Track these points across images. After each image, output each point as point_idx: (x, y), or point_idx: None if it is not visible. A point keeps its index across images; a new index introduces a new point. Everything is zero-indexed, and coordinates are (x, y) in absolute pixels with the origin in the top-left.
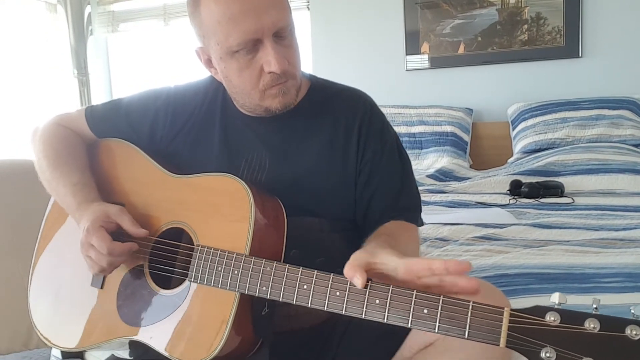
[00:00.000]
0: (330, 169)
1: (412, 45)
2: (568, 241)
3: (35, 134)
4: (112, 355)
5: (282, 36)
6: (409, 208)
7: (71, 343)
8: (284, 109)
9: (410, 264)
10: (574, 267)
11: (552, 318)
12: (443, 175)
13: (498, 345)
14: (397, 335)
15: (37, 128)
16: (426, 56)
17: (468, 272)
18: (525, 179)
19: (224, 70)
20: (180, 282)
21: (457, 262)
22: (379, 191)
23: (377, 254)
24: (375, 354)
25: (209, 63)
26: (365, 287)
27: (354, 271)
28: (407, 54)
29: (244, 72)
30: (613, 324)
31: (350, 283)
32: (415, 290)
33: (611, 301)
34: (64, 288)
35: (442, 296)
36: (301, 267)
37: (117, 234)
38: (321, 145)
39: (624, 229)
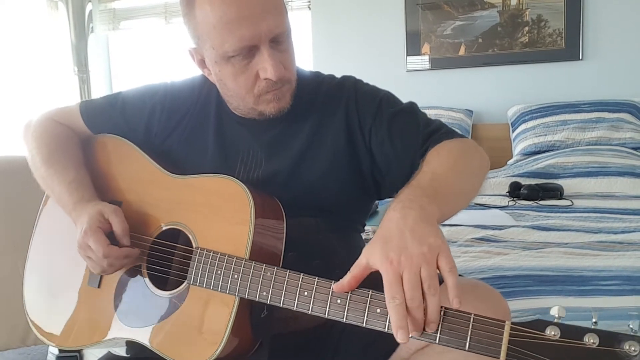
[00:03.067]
0: (322, 161)
1: (413, 46)
2: (567, 243)
3: (27, 129)
4: (109, 352)
5: (279, 41)
6: (432, 132)
7: (68, 342)
8: (278, 114)
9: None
10: (573, 270)
11: (553, 332)
12: None
13: (498, 358)
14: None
15: (29, 123)
16: (427, 57)
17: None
18: (524, 181)
19: (219, 73)
20: (178, 283)
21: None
22: (401, 139)
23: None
24: (372, 355)
25: (202, 64)
26: (367, 296)
27: (349, 287)
28: (407, 55)
29: (239, 77)
30: (611, 339)
31: (351, 291)
32: None
33: (609, 304)
34: (59, 286)
35: (443, 308)
36: (302, 274)
37: (114, 234)
38: (312, 140)
39: (623, 232)
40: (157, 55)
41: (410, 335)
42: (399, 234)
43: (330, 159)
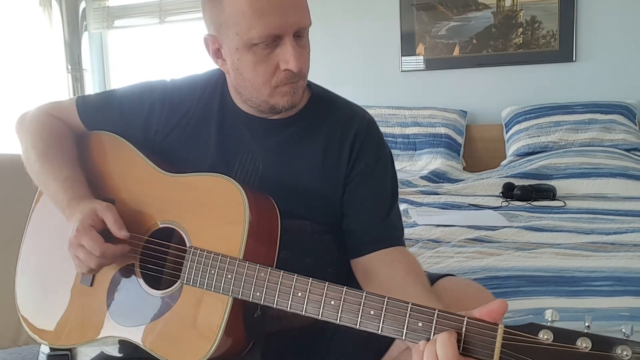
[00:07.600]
0: (321, 177)
1: (408, 47)
2: (559, 244)
3: (23, 122)
4: (102, 352)
5: (300, 36)
6: (397, 227)
7: (60, 340)
8: (290, 108)
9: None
10: (565, 270)
11: (546, 336)
12: (436, 177)
13: None
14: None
15: (24, 115)
16: (421, 58)
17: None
18: (517, 182)
19: (237, 62)
20: (171, 283)
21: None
22: (367, 205)
23: None
24: (365, 354)
25: (217, 53)
26: (360, 297)
27: None
28: (402, 55)
29: (259, 66)
30: (604, 343)
31: (345, 293)
32: (410, 303)
33: (601, 305)
34: (52, 284)
35: (437, 310)
36: (296, 275)
37: (107, 231)
38: (314, 154)
39: (615, 233)
40: (151, 54)
41: (404, 338)
42: None
43: (329, 179)
